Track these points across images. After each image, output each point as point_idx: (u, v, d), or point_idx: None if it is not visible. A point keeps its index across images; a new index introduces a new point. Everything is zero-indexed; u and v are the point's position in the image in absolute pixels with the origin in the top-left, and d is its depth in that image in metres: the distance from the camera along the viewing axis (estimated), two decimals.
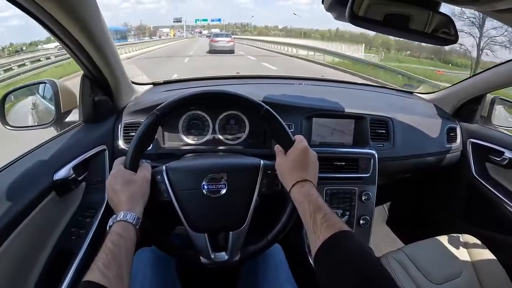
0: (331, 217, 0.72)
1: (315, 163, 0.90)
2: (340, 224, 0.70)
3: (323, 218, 0.71)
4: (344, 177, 1.39)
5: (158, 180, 0.92)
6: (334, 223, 0.70)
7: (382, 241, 2.20)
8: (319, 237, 0.68)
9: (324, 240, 0.67)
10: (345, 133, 1.47)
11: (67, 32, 0.92)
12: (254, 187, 0.93)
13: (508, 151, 1.52)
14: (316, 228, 0.71)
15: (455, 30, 0.80)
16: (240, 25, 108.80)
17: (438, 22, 0.79)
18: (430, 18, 0.78)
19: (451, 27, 0.79)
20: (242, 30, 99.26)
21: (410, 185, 2.14)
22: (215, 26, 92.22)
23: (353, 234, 0.70)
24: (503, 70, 1.45)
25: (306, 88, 1.88)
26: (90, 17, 0.94)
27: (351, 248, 0.66)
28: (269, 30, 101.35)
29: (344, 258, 0.64)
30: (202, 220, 0.92)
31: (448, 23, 0.79)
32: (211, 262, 0.92)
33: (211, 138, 1.34)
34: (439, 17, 0.78)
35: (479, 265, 1.33)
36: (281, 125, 0.92)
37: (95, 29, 0.98)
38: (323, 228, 0.69)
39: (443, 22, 0.79)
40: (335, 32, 63.58)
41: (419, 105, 1.86)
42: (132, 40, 38.18)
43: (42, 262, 0.96)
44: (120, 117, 1.34)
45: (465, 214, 1.78)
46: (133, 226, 0.77)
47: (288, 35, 74.09)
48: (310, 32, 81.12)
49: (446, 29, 0.80)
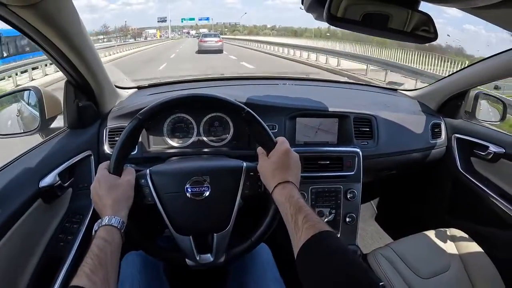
0: (312, 218, 0.73)
1: (297, 165, 0.91)
2: (321, 225, 0.70)
3: (304, 219, 0.72)
4: (329, 176, 1.40)
5: (142, 183, 0.92)
6: (315, 223, 0.71)
7: (371, 238, 2.22)
8: (301, 237, 0.69)
9: (305, 240, 0.67)
10: (329, 132, 1.47)
11: (46, 39, 0.92)
12: (237, 189, 0.94)
13: (493, 145, 1.53)
14: (297, 229, 0.72)
15: (435, 27, 0.80)
16: (228, 25, 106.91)
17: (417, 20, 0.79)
18: (409, 17, 0.78)
19: (430, 25, 0.80)
20: (231, 30, 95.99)
21: (396, 182, 2.15)
22: (203, 26, 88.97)
23: (334, 234, 0.70)
24: (486, 66, 1.47)
25: (290, 88, 1.89)
26: (69, 24, 0.93)
27: (332, 247, 0.67)
28: (260, 29, 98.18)
29: (326, 257, 0.65)
30: (187, 222, 0.93)
31: (428, 21, 0.80)
32: (196, 264, 0.93)
33: (196, 141, 1.34)
34: (419, 16, 0.79)
35: (466, 258, 1.35)
36: (262, 127, 0.93)
37: (75, 35, 0.98)
38: (304, 229, 0.70)
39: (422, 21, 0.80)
40: (327, 30, 61.99)
41: (403, 102, 1.88)
42: (107, 43, 35.71)
43: (31, 269, 0.95)
44: (105, 122, 1.34)
45: (452, 209, 1.80)
46: (118, 230, 0.77)
47: (280, 34, 72.22)
48: (301, 30, 79.86)
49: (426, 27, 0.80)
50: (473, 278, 1.30)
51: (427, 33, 0.80)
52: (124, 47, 23.34)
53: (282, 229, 0.83)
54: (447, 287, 1.27)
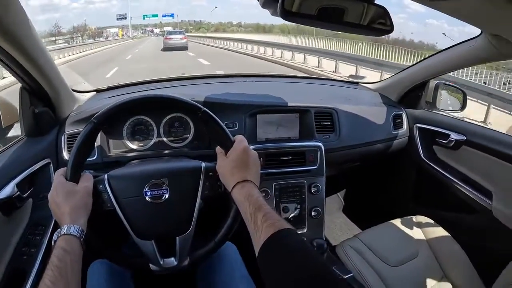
0: (272, 216, 0.72)
1: (256, 163, 0.91)
2: (280, 223, 0.70)
3: (263, 218, 0.72)
4: (292, 171, 1.40)
5: (101, 189, 0.90)
6: (275, 221, 0.70)
7: (340, 230, 2.24)
8: (260, 237, 0.69)
9: (265, 239, 0.67)
10: (291, 127, 1.48)
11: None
12: (196, 190, 0.94)
13: (454, 133, 1.57)
14: (257, 228, 0.71)
15: (391, 20, 0.82)
16: (193, 22, 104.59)
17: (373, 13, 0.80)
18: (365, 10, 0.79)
19: (386, 18, 0.81)
20: (196, 28, 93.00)
21: (362, 173, 2.18)
22: (168, 24, 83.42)
23: (295, 231, 0.70)
24: (444, 57, 1.51)
25: (251, 85, 1.88)
26: (17, 26, 0.89)
27: (292, 245, 0.67)
28: (227, 27, 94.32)
29: (286, 256, 0.65)
30: (147, 226, 0.92)
31: (384, 14, 0.81)
32: (160, 268, 0.92)
33: (157, 142, 1.31)
34: (375, 9, 0.80)
35: (434, 243, 1.39)
36: (219, 126, 0.93)
37: (25, 40, 0.94)
38: (264, 228, 0.70)
39: (378, 14, 0.81)
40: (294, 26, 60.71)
41: (365, 94, 1.91)
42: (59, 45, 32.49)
43: None
44: (63, 128, 1.29)
45: (417, 196, 1.84)
46: (77, 239, 0.76)
47: (247, 31, 69.13)
48: (269, 27, 78.69)
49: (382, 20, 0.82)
50: (442, 262, 1.33)
51: (384, 25, 0.82)
52: (75, 49, 21.88)
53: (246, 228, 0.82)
54: (417, 273, 1.30)
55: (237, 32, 58.64)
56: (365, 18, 0.79)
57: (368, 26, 0.79)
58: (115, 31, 75.30)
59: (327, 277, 0.60)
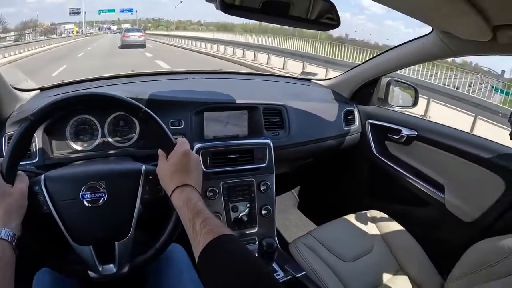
0: (211, 222, 0.71)
1: (197, 167, 0.88)
2: (220, 229, 0.69)
3: (202, 223, 0.70)
4: (240, 170, 1.38)
5: (36, 191, 0.85)
6: (214, 227, 0.69)
7: (295, 226, 2.24)
8: (199, 243, 0.67)
9: (204, 246, 0.65)
10: (239, 124, 1.45)
11: None
12: (136, 193, 0.90)
13: (405, 128, 1.60)
14: (195, 234, 0.69)
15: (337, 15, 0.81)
16: (152, 20, 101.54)
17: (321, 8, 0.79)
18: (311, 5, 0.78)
19: (334, 13, 0.81)
20: (155, 26, 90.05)
21: (315, 169, 2.19)
22: (126, 21, 79.24)
23: (235, 237, 0.69)
24: (396, 54, 1.54)
25: (199, 82, 1.84)
26: None
27: (231, 251, 0.65)
28: (187, 25, 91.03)
29: (224, 262, 0.63)
30: (85, 231, 0.88)
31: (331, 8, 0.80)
32: (99, 275, 0.88)
33: (101, 142, 1.26)
34: (322, 3, 0.79)
35: (389, 237, 1.41)
36: (161, 128, 0.89)
37: None
38: (202, 234, 0.68)
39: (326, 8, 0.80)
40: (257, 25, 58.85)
41: (316, 91, 1.91)
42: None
43: None
44: (4, 129, 1.21)
45: (371, 191, 1.87)
46: (8, 244, 0.71)
47: (209, 29, 67.28)
48: (230, 25, 77.79)
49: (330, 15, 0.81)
50: (398, 255, 1.35)
51: (331, 20, 0.81)
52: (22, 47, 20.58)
53: None
54: (373, 267, 1.31)
55: (198, 30, 57.02)
56: (312, 12, 0.78)
57: (315, 21, 0.78)
58: (71, 27, 70.77)
59: (267, 283, 0.59)
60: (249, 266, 0.62)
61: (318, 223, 1.65)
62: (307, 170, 2.20)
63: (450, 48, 1.18)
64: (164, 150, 0.89)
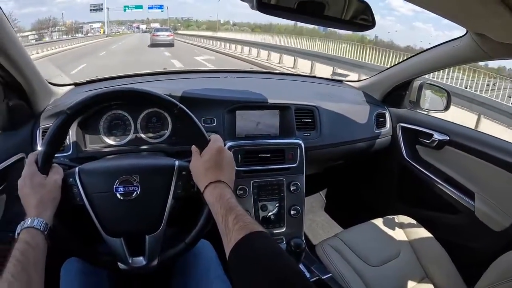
0: (243, 218, 0.71)
1: (230, 164, 0.89)
2: (252, 225, 0.69)
3: (235, 220, 0.70)
4: (271, 169, 1.38)
5: (70, 183, 0.88)
6: (246, 224, 0.69)
7: (321, 228, 2.23)
8: (231, 239, 0.67)
9: (236, 242, 0.66)
10: (271, 124, 1.45)
11: None
12: (169, 188, 0.91)
13: (437, 133, 1.57)
14: (228, 230, 0.70)
15: (373, 16, 0.81)
16: (181, 19, 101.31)
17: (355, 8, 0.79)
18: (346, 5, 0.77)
19: (368, 14, 0.80)
20: (184, 25, 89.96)
21: (345, 171, 2.17)
22: (155, 20, 77.29)
23: (267, 234, 0.69)
24: (428, 57, 1.51)
25: (231, 81, 1.86)
26: None
27: (262, 248, 0.65)
28: (221, 25, 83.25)
29: (256, 258, 0.64)
30: (117, 223, 0.90)
31: (366, 9, 0.80)
32: (129, 267, 0.90)
33: (134, 138, 1.29)
34: (357, 4, 0.79)
35: (416, 243, 1.38)
36: (195, 125, 0.91)
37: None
38: (235, 230, 0.68)
39: (360, 9, 0.79)
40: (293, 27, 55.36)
41: (348, 92, 1.89)
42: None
43: None
44: (38, 122, 1.25)
45: (399, 196, 1.84)
46: (41, 233, 0.74)
47: (242, 30, 62.68)
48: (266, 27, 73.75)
49: (364, 16, 0.80)
50: (424, 262, 1.33)
51: (366, 21, 0.81)
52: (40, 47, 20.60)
53: None
54: (398, 273, 1.29)
55: (230, 31, 53.95)
56: (347, 13, 0.77)
57: (350, 21, 0.78)
58: (98, 26, 66.53)
59: (298, 281, 0.59)
60: (281, 263, 0.62)
61: (345, 226, 1.64)
62: (336, 172, 2.18)
63: (485, 51, 1.14)
64: (197, 146, 0.90)
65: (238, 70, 2.21)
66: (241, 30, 62.76)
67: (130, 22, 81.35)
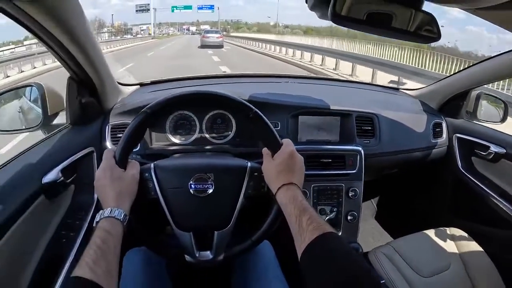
0: (317, 219, 0.73)
1: (301, 167, 0.91)
2: (325, 226, 0.71)
3: (308, 220, 0.73)
4: (331, 174, 1.40)
5: (146, 177, 0.93)
6: (320, 225, 0.71)
7: (371, 236, 2.22)
8: (305, 239, 0.70)
9: (310, 241, 0.68)
10: (331, 130, 1.47)
11: (50, 35, 0.92)
12: (240, 188, 0.95)
13: (494, 145, 1.53)
14: (302, 230, 0.72)
15: (438, 27, 0.80)
16: (231, 21, 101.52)
17: (421, 20, 0.79)
18: (412, 16, 0.78)
19: (434, 25, 0.80)
20: (234, 27, 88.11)
21: (398, 180, 2.14)
22: (205, 23, 76.95)
23: (339, 235, 0.72)
24: (487, 66, 1.47)
25: (293, 86, 1.88)
26: (73, 19, 0.93)
27: (336, 248, 0.68)
28: (272, 27, 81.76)
29: (330, 258, 0.66)
30: (188, 218, 0.94)
31: (431, 21, 0.80)
32: (195, 260, 0.93)
33: (199, 138, 1.33)
34: (422, 15, 0.79)
35: (466, 257, 1.35)
36: (269, 129, 0.94)
37: (79, 30, 0.97)
38: (308, 230, 0.71)
39: (426, 20, 0.80)
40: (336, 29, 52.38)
41: (405, 101, 1.87)
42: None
43: (33, 266, 0.95)
44: (107, 118, 1.34)
45: (452, 208, 1.80)
46: (120, 223, 0.78)
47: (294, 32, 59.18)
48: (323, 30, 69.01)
49: (429, 27, 0.81)
50: (473, 277, 1.30)
51: (431, 33, 0.81)
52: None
53: (285, 229, 0.83)
54: (448, 285, 1.28)
55: (281, 33, 48.97)
56: (412, 24, 0.78)
57: (415, 33, 0.78)
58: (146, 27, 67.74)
59: (369, 281, 0.61)
60: (353, 264, 0.64)
61: (395, 235, 1.62)
62: (389, 180, 2.16)
63: None
64: (270, 149, 0.93)
65: (299, 75, 2.24)
66: (293, 32, 61.10)
67: (180, 23, 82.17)
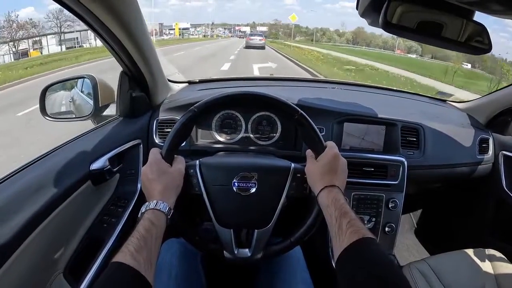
0: (357, 223, 0.73)
1: (344, 170, 0.91)
2: (365, 231, 0.71)
3: (348, 224, 0.73)
4: (372, 183, 1.38)
5: (191, 173, 0.94)
6: (359, 229, 0.71)
7: (407, 250, 2.17)
8: (344, 241, 0.70)
9: (348, 245, 0.68)
10: (376, 139, 1.45)
11: (109, 31, 0.96)
12: (283, 188, 0.95)
13: None
14: (341, 232, 0.72)
15: (489, 39, 0.79)
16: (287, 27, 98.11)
17: (471, 30, 0.78)
18: (463, 27, 0.77)
19: (485, 36, 0.79)
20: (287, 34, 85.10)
21: (438, 196, 2.09)
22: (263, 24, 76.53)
23: (377, 242, 0.70)
24: None
25: (339, 92, 1.87)
26: (131, 17, 0.97)
27: (374, 254, 0.68)
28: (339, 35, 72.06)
29: (367, 263, 0.66)
30: (230, 216, 0.95)
31: (482, 32, 0.79)
32: (233, 257, 0.94)
33: (243, 137, 1.36)
34: (473, 26, 0.78)
35: (502, 279, 1.30)
36: (314, 131, 0.93)
37: (135, 28, 1.01)
38: (347, 233, 0.71)
39: (477, 31, 0.78)
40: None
41: (452, 113, 1.82)
42: None
43: (74, 245, 1.00)
44: (156, 113, 1.38)
45: (494, 228, 1.73)
46: (164, 216, 0.79)
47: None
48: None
49: (480, 38, 0.79)
50: None
51: (481, 44, 0.79)
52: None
53: (319, 232, 0.84)
54: None
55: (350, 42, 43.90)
56: (463, 34, 0.77)
57: (465, 43, 0.78)
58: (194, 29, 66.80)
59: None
60: (390, 270, 0.64)
61: (431, 252, 1.58)
62: (430, 195, 2.11)
63: None
64: (314, 151, 0.93)
65: (345, 82, 2.22)
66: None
67: (234, 25, 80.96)
